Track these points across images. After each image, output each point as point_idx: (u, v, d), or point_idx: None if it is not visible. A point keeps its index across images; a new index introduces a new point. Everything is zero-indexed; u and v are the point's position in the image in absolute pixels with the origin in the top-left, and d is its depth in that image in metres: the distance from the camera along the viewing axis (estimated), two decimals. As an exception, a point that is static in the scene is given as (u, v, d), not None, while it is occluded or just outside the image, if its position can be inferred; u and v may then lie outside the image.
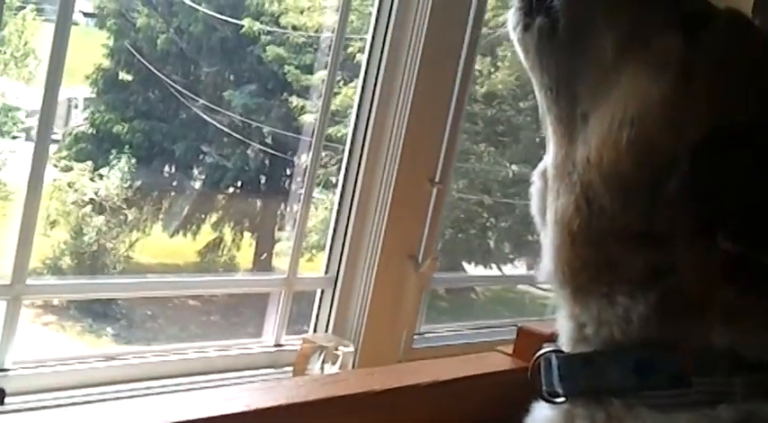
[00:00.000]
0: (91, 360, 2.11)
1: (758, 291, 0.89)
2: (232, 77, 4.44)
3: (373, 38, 2.52)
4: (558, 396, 0.98)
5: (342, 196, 2.53)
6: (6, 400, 1.72)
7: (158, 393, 2.12)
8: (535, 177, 1.04)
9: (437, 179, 2.64)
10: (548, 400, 1.00)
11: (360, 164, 2.51)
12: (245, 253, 4.55)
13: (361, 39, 2.88)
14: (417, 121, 2.51)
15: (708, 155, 0.90)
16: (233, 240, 4.54)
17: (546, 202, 1.01)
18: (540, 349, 1.03)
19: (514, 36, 1.05)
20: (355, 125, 2.53)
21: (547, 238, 1.00)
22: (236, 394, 1.68)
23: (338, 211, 2.55)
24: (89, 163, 4.13)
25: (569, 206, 0.96)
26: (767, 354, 0.90)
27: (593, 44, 0.99)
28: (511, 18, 1.05)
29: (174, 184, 4.57)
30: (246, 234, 4.60)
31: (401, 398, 1.85)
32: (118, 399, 1.97)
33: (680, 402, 0.90)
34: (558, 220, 0.97)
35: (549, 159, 1.01)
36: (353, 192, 2.52)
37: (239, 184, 4.50)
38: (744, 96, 0.94)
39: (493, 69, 4.42)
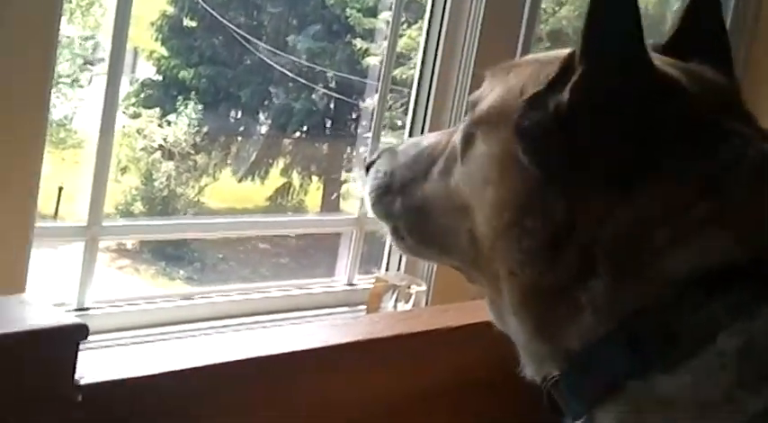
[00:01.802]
0: (171, 298, 2.15)
1: (668, 185, 0.91)
2: (295, 22, 4.43)
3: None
4: (582, 414, 0.99)
5: (410, 137, 2.52)
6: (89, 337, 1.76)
7: (235, 331, 2.15)
8: (489, 311, 1.10)
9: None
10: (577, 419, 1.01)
11: (427, 106, 2.50)
12: (313, 197, 4.57)
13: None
14: (484, 61, 2.49)
15: (523, 124, 0.97)
16: (301, 185, 4.57)
17: (500, 313, 1.05)
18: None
19: (402, 250, 1.24)
20: (422, 67, 2.52)
21: (515, 337, 1.04)
22: (315, 330, 1.71)
23: (407, 151, 2.54)
24: (157, 109, 4.16)
25: (508, 290, 1.00)
26: (729, 254, 0.89)
27: (433, 198, 1.13)
28: (392, 242, 1.23)
29: (241, 129, 4.59)
30: (314, 178, 4.62)
31: (475, 334, 1.85)
32: (197, 336, 2.01)
33: (682, 355, 0.89)
34: (511, 308, 1.01)
35: (486, 293, 1.08)
36: (421, 133, 2.51)
37: (305, 128, 4.51)
38: (522, 85, 1.01)
39: (557, 7, 4.35)
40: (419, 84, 2.52)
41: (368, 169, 1.25)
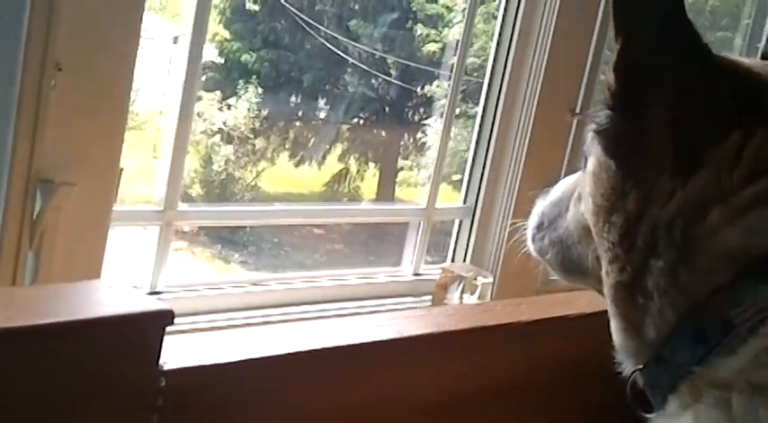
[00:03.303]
0: (239, 284, 2.15)
1: (719, 166, 0.94)
2: (357, 7, 4.42)
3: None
4: (665, 404, 1.02)
5: (481, 127, 2.51)
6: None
7: (299, 319, 2.15)
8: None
9: (578, 109, 2.60)
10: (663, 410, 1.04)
11: (499, 94, 2.48)
12: (369, 183, 4.56)
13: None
14: (558, 49, 2.46)
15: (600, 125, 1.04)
16: (358, 171, 4.56)
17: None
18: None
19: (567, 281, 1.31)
20: (495, 54, 2.50)
21: (613, 334, 1.08)
22: (387, 321, 1.70)
23: (477, 141, 2.53)
24: (217, 93, 4.17)
25: (606, 292, 1.06)
26: None
27: (569, 226, 1.21)
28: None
29: (300, 114, 4.59)
30: (371, 164, 4.61)
31: (548, 329, 1.84)
32: (267, 323, 2.01)
33: (739, 341, 0.92)
34: (609, 307, 1.06)
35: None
36: (493, 122, 2.49)
37: (364, 114, 4.50)
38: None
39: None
40: (492, 71, 2.50)
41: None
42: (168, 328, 1.30)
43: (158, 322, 1.26)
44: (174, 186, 1.92)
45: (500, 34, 2.47)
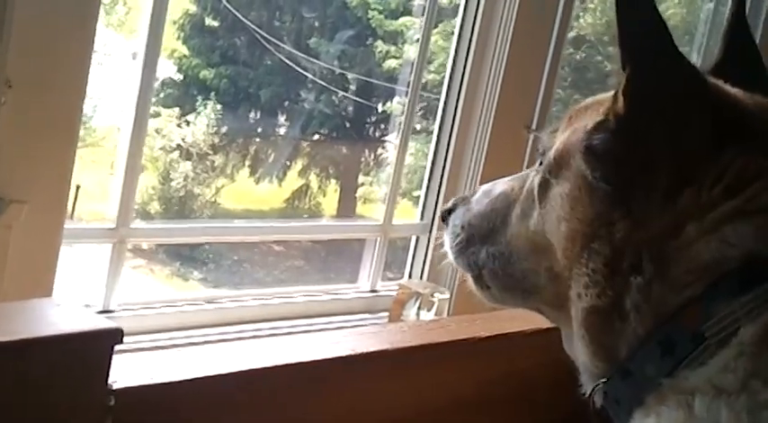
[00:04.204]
0: (192, 302, 2.13)
1: (700, 185, 0.99)
2: (317, 23, 4.42)
3: (471, -17, 2.48)
4: (628, 419, 1.04)
5: (438, 143, 2.51)
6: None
7: (254, 337, 2.14)
8: (566, 347, 1.17)
9: (533, 126, 2.62)
10: None
11: (456, 110, 2.49)
12: (330, 199, 4.56)
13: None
14: (514, 66, 2.48)
15: (592, 145, 1.06)
16: (318, 187, 4.55)
17: (571, 342, 1.12)
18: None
19: (487, 300, 1.30)
20: (452, 71, 2.50)
21: (578, 355, 1.11)
22: (340, 338, 1.70)
23: (434, 158, 2.53)
24: (176, 109, 4.14)
25: (575, 317, 1.08)
26: (750, 242, 0.96)
27: (515, 242, 1.21)
28: (477, 293, 1.31)
29: (260, 130, 4.58)
30: (332, 180, 4.60)
31: (503, 345, 1.85)
32: (221, 341, 2.00)
33: (709, 353, 0.95)
34: (577, 335, 1.08)
35: (565, 326, 1.15)
36: (449, 138, 2.50)
37: (324, 130, 4.50)
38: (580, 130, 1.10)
39: (582, 12, 4.34)
40: (449, 87, 2.51)
41: (443, 219, 1.36)
42: (122, 347, 1.29)
43: (107, 341, 1.25)
44: (127, 204, 1.90)
45: (456, 51, 2.48)
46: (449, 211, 1.35)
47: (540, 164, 1.19)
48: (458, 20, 2.49)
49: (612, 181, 1.04)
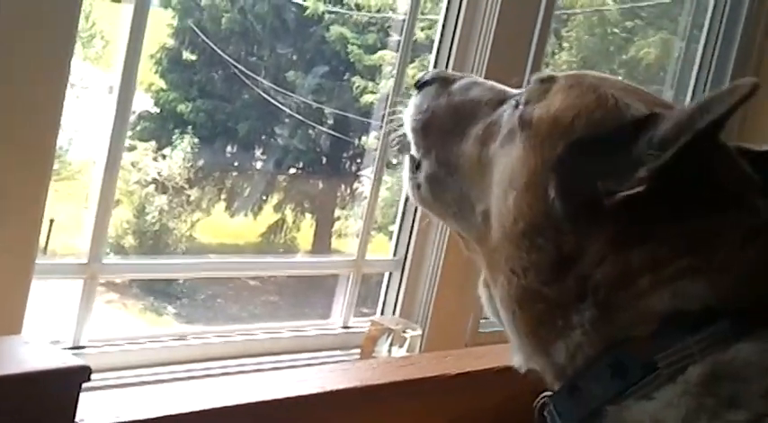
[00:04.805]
0: (163, 339, 2.12)
1: (661, 240, 1.00)
2: (295, 58, 4.44)
3: (445, 18, 2.50)
4: None
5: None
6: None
7: (223, 374, 2.13)
8: (480, 290, 1.19)
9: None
10: None
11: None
12: (306, 234, 4.56)
13: (425, 19, 2.87)
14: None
15: (566, 161, 1.04)
16: (294, 221, 4.55)
17: (494, 303, 1.14)
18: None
19: (414, 198, 1.29)
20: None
21: (505, 326, 1.12)
22: (309, 375, 1.70)
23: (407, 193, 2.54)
24: (152, 142, 4.15)
25: (504, 284, 1.08)
26: (704, 299, 0.97)
27: (462, 161, 1.19)
28: (406, 188, 1.30)
29: (236, 164, 4.59)
30: (307, 215, 4.61)
31: (473, 382, 1.85)
32: (192, 378, 1.99)
33: (656, 385, 0.97)
34: (502, 301, 1.10)
35: (483, 268, 1.16)
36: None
37: (301, 164, 4.51)
38: (574, 113, 1.08)
39: (557, 50, 4.39)
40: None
41: (420, 87, 1.32)
42: (91, 384, 1.29)
43: (74, 379, 1.25)
44: (99, 239, 1.90)
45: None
46: (425, 83, 1.32)
47: (522, 105, 1.15)
48: (432, 55, 2.51)
49: (567, 208, 1.03)
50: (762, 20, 3.39)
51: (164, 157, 4.12)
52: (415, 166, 1.28)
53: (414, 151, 1.29)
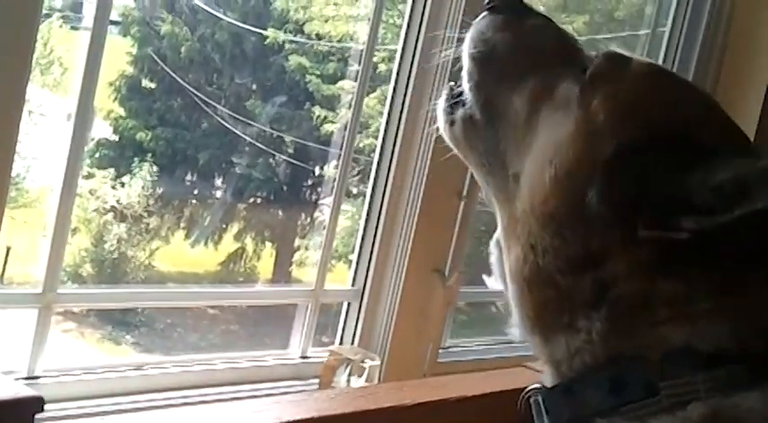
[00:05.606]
0: (119, 369, 2.10)
1: (693, 278, 0.96)
2: (255, 87, 4.44)
3: (403, 49, 2.51)
4: None
5: (369, 208, 2.52)
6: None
7: (183, 404, 2.12)
8: (492, 248, 1.14)
9: (464, 193, 2.64)
10: None
11: (388, 176, 2.51)
12: (266, 263, 4.54)
13: (385, 49, 2.89)
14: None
15: (615, 166, 1.00)
16: (254, 250, 4.53)
17: (503, 268, 1.10)
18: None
19: (445, 134, 1.20)
20: (384, 136, 2.53)
21: (509, 295, 1.08)
22: (266, 406, 1.69)
23: (365, 224, 2.54)
24: (111, 170, 4.12)
25: (518, 257, 1.05)
26: (722, 342, 0.95)
27: (508, 113, 1.11)
28: (439, 120, 1.21)
29: (196, 192, 4.57)
30: (267, 244, 4.59)
31: (430, 412, 1.84)
32: (148, 408, 1.97)
33: (653, 411, 0.94)
34: (512, 272, 1.06)
35: (499, 227, 1.11)
36: (381, 204, 2.51)
37: (261, 193, 4.50)
38: (637, 115, 1.03)
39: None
40: (381, 153, 2.53)
41: (491, 9, 1.20)
42: (46, 415, 1.27)
43: (27, 409, 1.23)
44: (54, 268, 1.88)
45: (389, 116, 2.51)
46: (495, 9, 1.20)
47: (588, 79, 1.07)
48: (390, 86, 2.52)
49: (607, 214, 1.00)
50: (723, 17, 3.43)
51: (122, 184, 4.09)
52: (454, 99, 1.19)
53: (465, 82, 1.18)
